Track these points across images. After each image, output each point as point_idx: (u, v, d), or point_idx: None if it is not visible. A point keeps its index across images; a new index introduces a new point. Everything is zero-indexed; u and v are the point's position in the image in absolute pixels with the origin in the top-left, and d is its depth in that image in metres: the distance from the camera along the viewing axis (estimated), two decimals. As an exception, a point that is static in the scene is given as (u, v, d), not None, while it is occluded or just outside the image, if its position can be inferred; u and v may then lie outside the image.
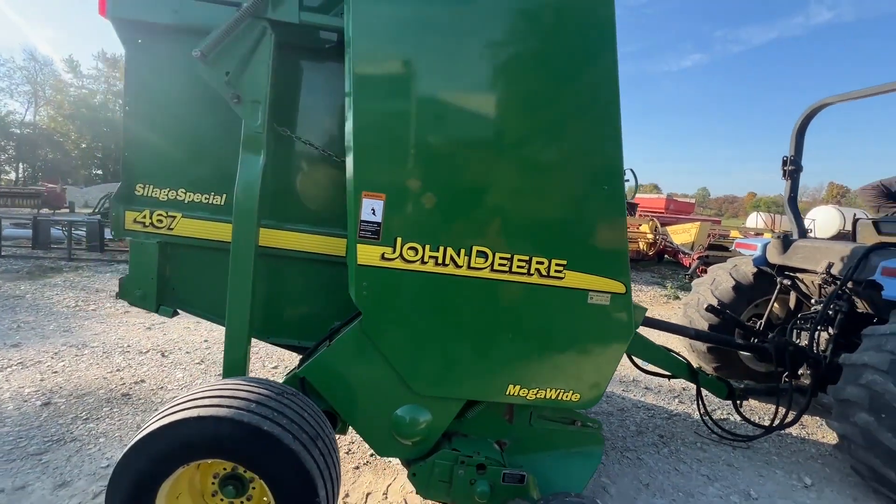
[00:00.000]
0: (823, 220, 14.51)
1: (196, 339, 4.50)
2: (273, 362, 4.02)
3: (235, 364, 2.01)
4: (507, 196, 1.90)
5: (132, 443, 1.56)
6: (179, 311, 2.30)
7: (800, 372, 3.24)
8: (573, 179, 1.91)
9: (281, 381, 2.01)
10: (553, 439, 2.20)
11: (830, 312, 2.98)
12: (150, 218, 2.08)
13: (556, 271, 1.91)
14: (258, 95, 1.88)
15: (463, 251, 1.88)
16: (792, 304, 3.58)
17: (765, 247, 3.56)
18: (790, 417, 2.89)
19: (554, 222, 1.92)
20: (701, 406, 3.00)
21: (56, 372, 3.53)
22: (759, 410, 3.61)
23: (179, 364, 3.85)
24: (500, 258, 1.89)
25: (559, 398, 2.02)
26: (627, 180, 1.97)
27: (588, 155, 1.90)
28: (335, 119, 2.18)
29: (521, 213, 1.90)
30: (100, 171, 40.49)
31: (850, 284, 2.90)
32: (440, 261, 1.88)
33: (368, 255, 1.86)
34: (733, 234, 11.30)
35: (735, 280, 3.73)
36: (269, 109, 1.91)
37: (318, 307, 2.30)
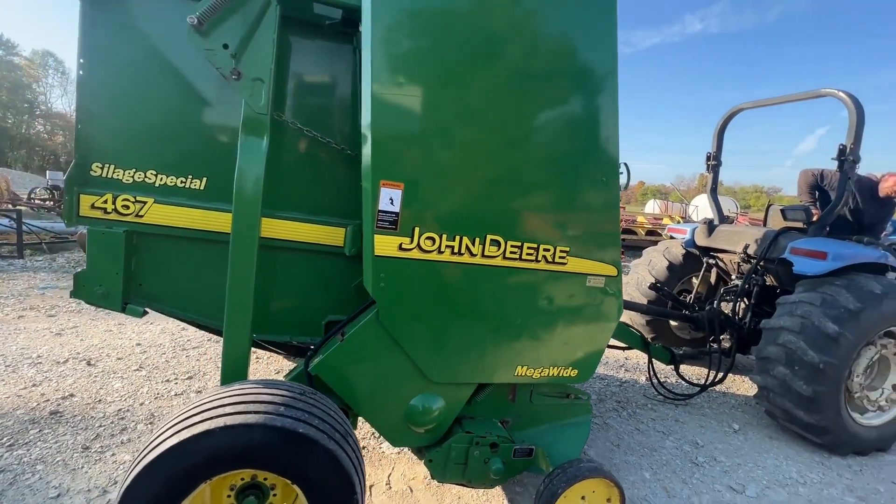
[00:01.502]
0: (704, 206, 17.39)
1: (125, 343, 3.96)
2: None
3: (237, 366, 1.86)
4: (519, 186, 1.96)
5: (143, 464, 1.39)
6: (148, 309, 2.04)
7: (721, 337, 3.81)
8: (577, 172, 2.03)
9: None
10: (550, 413, 2.36)
11: (748, 286, 3.56)
12: (114, 203, 1.81)
13: (559, 258, 2.04)
14: (262, 73, 1.71)
15: (478, 240, 1.92)
16: (713, 280, 4.19)
17: (693, 231, 4.11)
18: (718, 377, 3.43)
19: (559, 212, 2.03)
20: (652, 372, 3.42)
21: (-53, 394, 2.89)
22: (686, 372, 4.20)
23: (113, 373, 3.37)
24: (512, 246, 1.96)
25: (560, 375, 2.18)
26: (622, 173, 2.15)
27: (590, 149, 2.03)
28: (328, 102, 2.06)
29: (531, 202, 1.98)
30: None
31: (762, 262, 3.48)
32: (456, 250, 1.90)
33: (386, 245, 1.82)
34: (640, 219, 12.70)
35: (668, 260, 4.25)
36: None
37: (312, 300, 2.18)
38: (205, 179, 1.93)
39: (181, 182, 1.91)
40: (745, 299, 3.59)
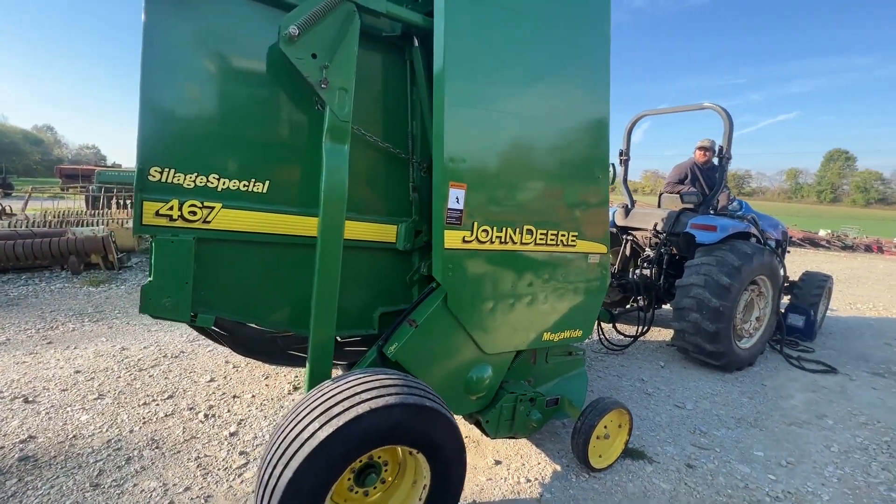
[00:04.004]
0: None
1: (57, 373, 3.37)
2: (204, 376, 3.44)
3: (324, 360, 1.94)
4: (546, 185, 2.37)
5: (301, 458, 1.49)
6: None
7: (638, 297, 4.78)
8: (582, 171, 2.52)
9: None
10: (559, 369, 2.86)
11: (660, 255, 4.55)
12: (180, 209, 1.74)
13: (571, 241, 2.52)
14: (346, 83, 1.81)
15: (518, 230, 2.29)
16: (628, 253, 5.18)
17: (613, 214, 5.02)
18: (644, 329, 4.36)
19: (571, 203, 2.49)
20: (600, 330, 4.18)
21: None
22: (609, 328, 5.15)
23: (67, 406, 2.91)
24: (540, 234, 2.38)
25: (571, 336, 2.68)
26: (610, 172, 2.69)
27: (591, 154, 2.53)
28: (381, 108, 2.20)
29: (553, 197, 2.41)
30: None
31: (668, 236, 4.49)
32: (503, 240, 2.25)
33: (452, 239, 2.09)
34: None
35: (594, 239, 5.12)
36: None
37: (368, 295, 2.32)
38: (267, 182, 1.93)
39: (244, 186, 1.89)
40: (657, 266, 4.59)
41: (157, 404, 3.00)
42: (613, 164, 2.73)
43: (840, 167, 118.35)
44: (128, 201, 10.78)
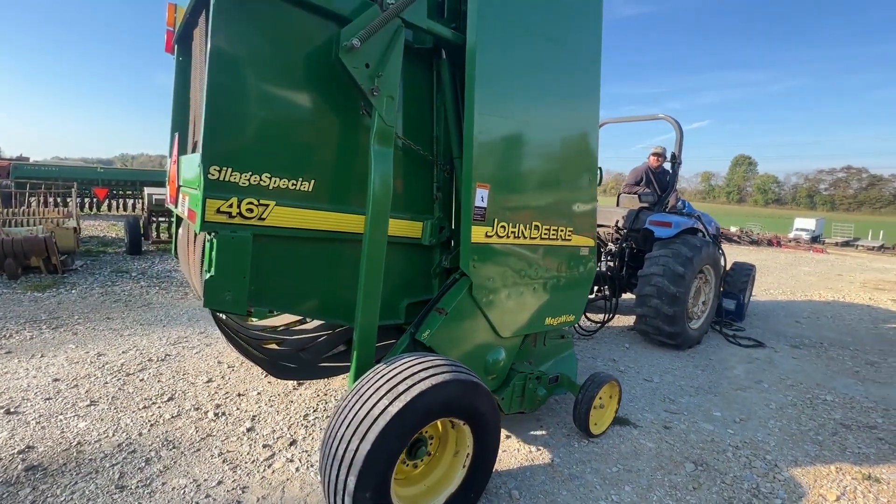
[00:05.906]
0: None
1: (32, 382, 3.14)
2: (200, 377, 3.37)
3: (369, 347, 2.08)
4: (550, 185, 2.67)
5: (378, 429, 1.65)
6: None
7: (603, 287, 5.29)
8: (577, 174, 2.85)
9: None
10: (555, 350, 3.18)
11: (622, 249, 5.07)
12: (239, 207, 1.82)
13: (567, 235, 2.85)
14: (392, 91, 1.97)
15: (528, 225, 2.57)
16: (591, 247, 5.67)
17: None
18: (611, 316, 4.85)
19: (568, 202, 2.82)
20: (574, 318, 4.60)
21: None
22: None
23: (58, 414, 2.76)
24: (545, 229, 2.68)
25: (566, 320, 3.01)
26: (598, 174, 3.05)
27: (585, 158, 2.87)
28: (410, 113, 2.37)
29: (555, 196, 2.72)
30: None
31: (629, 232, 5.02)
32: (517, 234, 2.52)
33: (477, 234, 2.33)
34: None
35: (561, 235, 5.57)
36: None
37: (397, 286, 2.47)
38: (313, 181, 2.04)
39: (293, 184, 1.99)
40: (620, 259, 5.12)
41: (159, 407, 2.93)
42: (600, 168, 3.10)
43: (744, 171, 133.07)
44: (58, 198, 9.74)
